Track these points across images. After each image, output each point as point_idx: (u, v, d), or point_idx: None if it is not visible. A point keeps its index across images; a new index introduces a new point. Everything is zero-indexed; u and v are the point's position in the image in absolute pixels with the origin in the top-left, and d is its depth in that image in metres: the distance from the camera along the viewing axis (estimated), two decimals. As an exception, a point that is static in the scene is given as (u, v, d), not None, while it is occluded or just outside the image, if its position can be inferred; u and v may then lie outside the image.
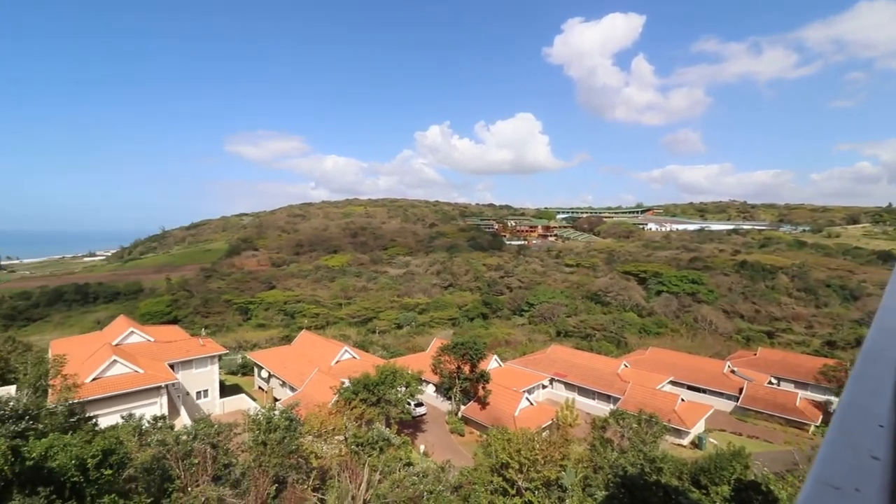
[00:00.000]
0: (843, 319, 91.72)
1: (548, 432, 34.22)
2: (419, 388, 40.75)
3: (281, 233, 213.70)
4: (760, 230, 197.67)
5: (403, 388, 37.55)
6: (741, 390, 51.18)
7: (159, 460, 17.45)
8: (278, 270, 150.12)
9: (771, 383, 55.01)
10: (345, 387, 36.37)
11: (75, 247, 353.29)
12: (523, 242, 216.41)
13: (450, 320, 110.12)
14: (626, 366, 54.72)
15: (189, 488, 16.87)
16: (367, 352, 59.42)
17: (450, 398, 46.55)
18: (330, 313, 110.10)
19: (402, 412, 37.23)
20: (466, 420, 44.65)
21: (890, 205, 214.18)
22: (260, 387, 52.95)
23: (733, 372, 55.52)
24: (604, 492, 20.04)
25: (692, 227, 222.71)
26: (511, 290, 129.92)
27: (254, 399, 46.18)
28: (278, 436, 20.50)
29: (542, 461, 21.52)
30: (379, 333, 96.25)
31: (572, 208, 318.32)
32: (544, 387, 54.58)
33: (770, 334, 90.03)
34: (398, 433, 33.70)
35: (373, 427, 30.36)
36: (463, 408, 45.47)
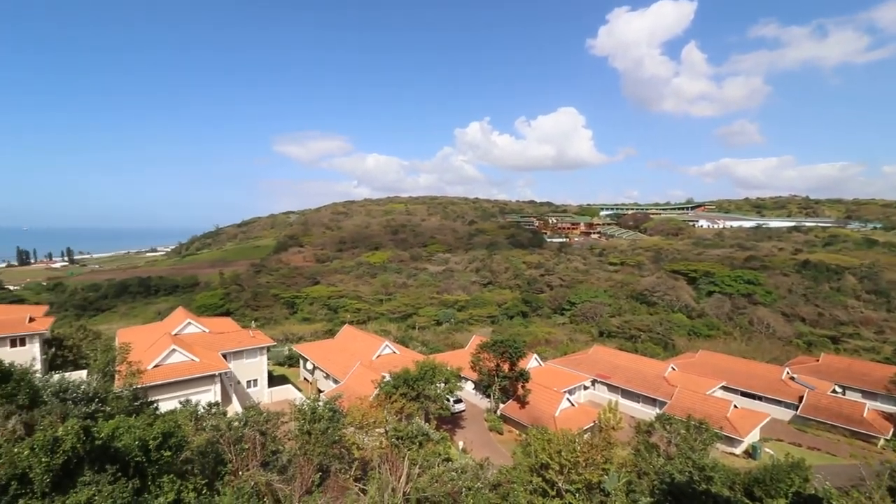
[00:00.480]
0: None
1: (589, 434, 33.43)
2: (458, 384, 40.90)
3: (325, 230, 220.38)
4: (825, 227, 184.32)
5: (442, 385, 37.82)
6: (801, 398, 48.09)
7: (213, 444, 18.44)
8: (322, 266, 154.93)
9: (835, 392, 51.27)
10: (385, 381, 37.05)
11: (139, 243, 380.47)
12: (565, 240, 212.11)
13: (489, 318, 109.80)
14: (673, 369, 52.65)
15: (240, 472, 17.74)
16: (406, 347, 60.29)
17: (489, 396, 46.45)
18: (371, 308, 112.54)
19: (441, 408, 37.52)
20: (505, 418, 44.43)
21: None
22: (305, 378, 54.90)
23: (793, 379, 52.26)
24: (649, 498, 19.34)
25: (748, 223, 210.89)
26: (552, 289, 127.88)
27: (299, 390, 47.93)
28: (322, 426, 21.18)
29: (584, 463, 21.03)
30: (418, 329, 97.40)
31: (617, 205, 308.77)
32: (586, 388, 53.41)
33: (835, 339, 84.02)
34: (437, 428, 34.02)
35: (412, 421, 30.78)
36: (502, 406, 45.26)
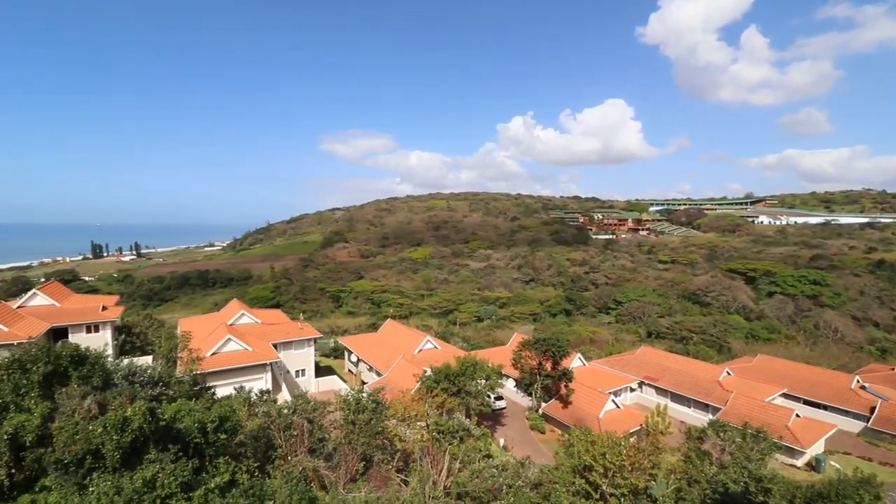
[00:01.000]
0: None
1: (636, 438, 32.35)
2: (499, 381, 40.71)
3: (369, 226, 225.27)
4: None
5: (483, 381, 37.78)
6: (873, 409, 44.34)
7: (264, 430, 19.38)
8: (366, 262, 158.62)
9: (915, 404, 46.77)
10: (427, 375, 37.47)
11: (198, 238, 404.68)
12: (611, 237, 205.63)
13: (531, 315, 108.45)
14: (728, 373, 49.97)
15: (289, 457, 18.56)
16: (447, 343, 60.63)
17: (530, 394, 45.94)
18: (413, 304, 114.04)
19: (482, 404, 37.48)
20: (547, 418, 43.80)
21: None
22: (349, 370, 56.49)
23: (863, 388, 48.20)
24: (699, 507, 18.50)
25: (814, 220, 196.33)
26: (597, 287, 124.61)
27: (344, 381, 49.39)
28: (366, 417, 21.73)
29: (630, 468, 20.41)
30: (459, 325, 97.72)
31: (667, 200, 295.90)
32: (632, 390, 51.70)
33: (915, 347, 76.62)
34: (478, 425, 34.07)
35: (453, 416, 30.99)
36: (544, 405, 44.65)
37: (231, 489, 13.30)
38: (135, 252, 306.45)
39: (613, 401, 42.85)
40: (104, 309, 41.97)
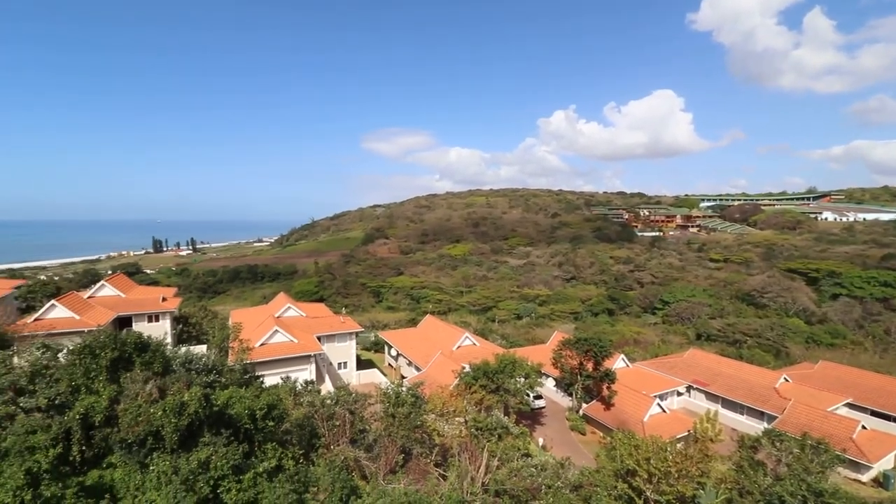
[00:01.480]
0: None
1: (683, 444, 31.04)
2: (538, 380, 40.13)
3: (409, 223, 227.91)
4: None
5: (522, 379, 37.38)
6: (956, 425, 40.31)
7: (309, 419, 20.08)
8: (406, 258, 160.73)
9: None
10: (465, 371, 37.52)
11: (247, 234, 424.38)
12: (658, 234, 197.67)
13: (571, 314, 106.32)
14: (786, 380, 46.98)
15: (331, 446, 19.14)
16: (486, 339, 60.44)
17: (570, 394, 45.03)
18: (452, 300, 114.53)
19: (521, 403, 37.13)
20: (588, 419, 42.82)
21: None
22: (389, 363, 57.49)
23: (944, 401, 43.92)
24: (752, 520, 17.53)
25: (886, 216, 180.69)
26: (642, 286, 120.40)
27: (384, 374, 50.35)
28: (405, 410, 22.05)
29: (676, 475, 19.60)
30: (498, 322, 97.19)
31: (720, 195, 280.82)
32: (679, 394, 49.61)
33: None
34: (516, 423, 33.76)
35: (492, 414, 30.89)
36: (585, 406, 43.67)
37: (278, 474, 13.88)
38: (191, 247, 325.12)
39: (659, 404, 41.34)
40: (164, 300, 44.78)
